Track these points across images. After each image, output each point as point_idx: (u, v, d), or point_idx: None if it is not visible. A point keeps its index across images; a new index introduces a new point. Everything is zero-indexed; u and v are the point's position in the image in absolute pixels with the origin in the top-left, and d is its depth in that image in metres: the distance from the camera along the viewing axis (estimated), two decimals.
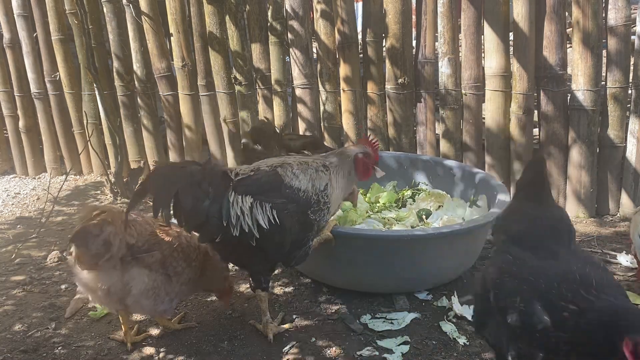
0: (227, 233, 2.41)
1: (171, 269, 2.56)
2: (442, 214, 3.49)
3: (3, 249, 3.79)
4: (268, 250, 2.52)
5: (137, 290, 2.48)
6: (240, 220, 2.41)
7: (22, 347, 2.70)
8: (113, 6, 4.65)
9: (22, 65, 5.12)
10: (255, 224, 2.42)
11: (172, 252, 2.56)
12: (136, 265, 2.47)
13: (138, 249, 2.47)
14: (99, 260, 2.39)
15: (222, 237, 2.43)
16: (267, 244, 2.48)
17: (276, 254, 2.58)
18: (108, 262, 2.41)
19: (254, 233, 2.43)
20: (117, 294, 2.48)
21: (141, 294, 2.49)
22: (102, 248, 2.38)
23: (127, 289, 2.46)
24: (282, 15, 4.37)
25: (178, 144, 4.87)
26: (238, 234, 2.42)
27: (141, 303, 2.53)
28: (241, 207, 2.42)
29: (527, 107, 3.96)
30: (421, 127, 4.35)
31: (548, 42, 3.85)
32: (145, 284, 2.49)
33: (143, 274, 2.49)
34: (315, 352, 2.60)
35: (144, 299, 2.52)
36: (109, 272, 2.44)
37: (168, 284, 2.56)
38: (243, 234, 2.42)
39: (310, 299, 3.03)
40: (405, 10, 4.12)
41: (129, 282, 2.46)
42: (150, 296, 2.52)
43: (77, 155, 5.20)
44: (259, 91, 4.58)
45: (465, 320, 2.81)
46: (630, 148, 3.89)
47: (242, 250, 2.53)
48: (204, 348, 2.66)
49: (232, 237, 2.42)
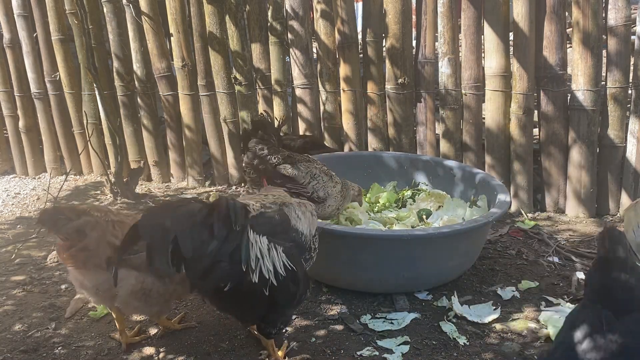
0: (240, 280, 2.06)
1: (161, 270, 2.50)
2: (442, 214, 3.49)
3: (3, 249, 3.79)
4: (279, 301, 2.22)
5: (124, 291, 2.41)
6: (260, 263, 2.09)
7: (22, 347, 2.70)
8: (113, 6, 4.65)
9: (22, 65, 5.12)
10: (271, 269, 2.13)
11: None
12: (123, 266, 2.40)
13: None
14: (72, 251, 2.32)
15: (233, 285, 2.07)
16: (281, 294, 2.19)
17: (287, 305, 2.31)
18: (90, 261, 2.35)
19: (271, 280, 2.12)
20: (106, 294, 2.44)
21: (129, 295, 2.43)
22: (75, 235, 2.30)
23: (114, 290, 2.40)
24: (282, 15, 4.37)
25: (178, 144, 4.87)
26: (257, 280, 2.08)
27: (132, 304, 2.48)
28: (260, 249, 2.11)
29: (527, 107, 3.96)
30: (421, 127, 4.35)
31: (548, 42, 3.85)
32: (133, 286, 2.42)
33: (131, 276, 2.41)
34: (315, 352, 2.60)
35: (134, 300, 2.46)
36: (96, 272, 2.39)
37: (161, 285, 2.49)
38: (261, 281, 2.10)
39: (310, 299, 3.03)
40: (405, 10, 4.12)
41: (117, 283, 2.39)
42: (140, 297, 2.46)
43: (77, 155, 5.20)
44: (259, 91, 4.59)
45: (465, 320, 2.82)
46: (630, 148, 3.89)
47: (246, 301, 2.20)
48: (204, 348, 2.66)
49: (244, 285, 2.09)
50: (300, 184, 3.14)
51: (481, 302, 2.99)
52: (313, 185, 3.17)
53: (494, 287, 3.13)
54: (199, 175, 4.87)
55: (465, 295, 3.06)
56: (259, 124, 3.40)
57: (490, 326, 2.78)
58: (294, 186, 3.13)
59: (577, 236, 3.73)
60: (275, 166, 3.18)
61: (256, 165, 3.19)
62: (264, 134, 3.28)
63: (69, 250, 2.35)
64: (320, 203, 3.21)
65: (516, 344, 2.64)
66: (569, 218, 4.02)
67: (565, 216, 4.05)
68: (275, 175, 3.14)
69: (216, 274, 2.03)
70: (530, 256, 3.48)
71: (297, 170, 3.16)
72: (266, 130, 3.28)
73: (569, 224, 3.93)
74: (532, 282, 3.16)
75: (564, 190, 4.06)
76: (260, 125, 3.36)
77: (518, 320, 2.83)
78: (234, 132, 4.68)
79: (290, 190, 3.07)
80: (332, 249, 2.95)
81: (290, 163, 3.18)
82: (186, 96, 4.70)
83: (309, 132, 4.50)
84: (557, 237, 3.71)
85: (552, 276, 3.25)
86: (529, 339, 2.68)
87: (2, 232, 4.12)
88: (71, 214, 2.35)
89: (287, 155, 3.23)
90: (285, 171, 3.12)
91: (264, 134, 3.28)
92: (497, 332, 2.74)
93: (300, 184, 3.14)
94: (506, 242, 3.67)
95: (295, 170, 3.16)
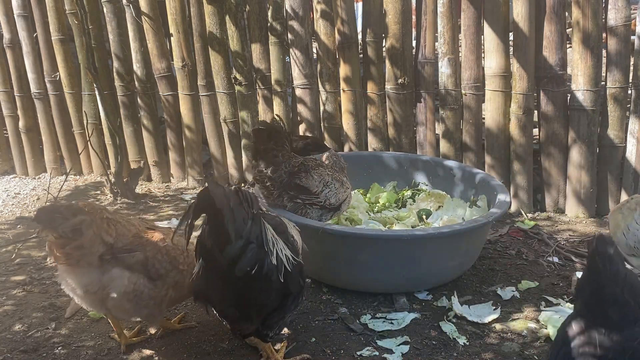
0: (262, 263, 2.17)
1: (154, 271, 2.46)
2: (442, 214, 3.49)
3: (3, 249, 3.79)
4: (291, 293, 2.33)
5: (116, 292, 2.40)
6: (276, 248, 2.21)
7: (22, 347, 2.70)
8: (113, 6, 4.65)
9: (22, 65, 5.12)
10: (282, 256, 2.23)
11: (155, 254, 2.46)
12: (116, 265, 2.39)
13: (118, 250, 2.40)
14: (67, 249, 2.30)
15: (257, 270, 2.15)
16: (292, 283, 2.30)
17: (295, 303, 2.41)
18: (84, 259, 2.34)
19: (286, 265, 2.23)
20: (97, 295, 2.41)
21: (122, 296, 2.41)
22: (71, 234, 2.29)
23: (106, 291, 2.39)
24: (282, 15, 4.37)
25: (178, 144, 4.87)
26: (275, 261, 2.19)
27: (123, 306, 2.45)
28: (273, 235, 2.25)
29: (527, 107, 3.96)
30: (421, 127, 4.35)
31: (548, 42, 3.85)
32: (126, 287, 2.40)
33: (123, 276, 2.40)
34: (315, 352, 2.60)
35: (126, 302, 2.44)
36: (87, 271, 2.37)
37: (152, 287, 2.47)
38: (278, 264, 2.21)
39: (310, 299, 3.03)
40: (405, 10, 4.12)
41: (109, 283, 2.39)
42: (132, 299, 2.44)
43: (77, 156, 5.20)
44: (259, 91, 4.59)
45: (465, 320, 2.82)
46: (630, 148, 3.89)
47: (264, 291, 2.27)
48: (204, 348, 2.66)
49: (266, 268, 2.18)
50: (313, 193, 3.09)
51: (481, 302, 3.00)
52: (326, 193, 3.12)
53: (494, 287, 3.13)
54: (199, 175, 4.86)
55: (465, 295, 3.06)
56: (273, 131, 3.14)
57: (490, 326, 2.78)
58: (308, 197, 3.09)
59: (577, 236, 3.73)
60: (291, 174, 3.08)
61: (275, 177, 3.07)
62: (279, 142, 3.11)
63: (63, 248, 2.32)
64: (332, 210, 3.17)
65: (516, 344, 2.64)
66: (568, 218, 4.02)
67: (565, 216, 4.05)
68: (289, 187, 3.07)
69: (247, 256, 2.12)
70: (530, 256, 3.48)
71: (310, 179, 3.10)
72: (280, 136, 3.11)
73: (569, 224, 3.94)
74: (532, 282, 3.17)
75: (564, 190, 4.06)
76: (275, 132, 3.14)
77: (518, 320, 2.83)
78: (234, 132, 4.68)
79: (304, 201, 3.08)
80: (332, 249, 2.95)
81: (304, 171, 3.10)
82: (186, 96, 4.70)
83: (309, 132, 4.50)
84: (557, 237, 3.71)
85: (552, 276, 3.25)
86: (528, 339, 2.68)
87: (2, 232, 4.13)
88: (67, 212, 2.34)
89: (301, 163, 3.13)
90: (300, 181, 3.08)
91: (279, 142, 3.11)
92: (497, 332, 2.74)
93: (313, 193, 3.09)
94: (506, 242, 3.67)
95: (309, 179, 3.10)
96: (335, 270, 3.05)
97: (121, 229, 2.46)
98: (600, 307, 1.80)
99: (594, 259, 1.80)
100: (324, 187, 3.13)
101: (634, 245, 2.80)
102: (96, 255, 2.37)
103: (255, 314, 2.35)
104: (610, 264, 1.78)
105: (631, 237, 2.81)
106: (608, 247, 1.80)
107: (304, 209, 3.11)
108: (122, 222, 2.50)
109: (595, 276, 1.81)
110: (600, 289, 1.79)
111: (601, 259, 1.78)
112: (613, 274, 1.78)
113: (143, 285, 2.45)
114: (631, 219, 2.82)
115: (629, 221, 2.83)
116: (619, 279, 1.78)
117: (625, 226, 2.84)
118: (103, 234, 2.38)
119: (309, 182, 3.10)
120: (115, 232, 2.42)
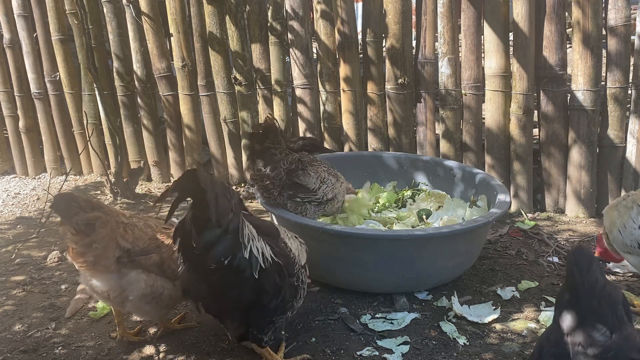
0: (235, 255, 2.17)
1: (170, 272, 2.49)
2: (442, 214, 3.49)
3: (3, 249, 3.79)
4: (267, 292, 2.30)
5: (134, 295, 2.43)
6: (251, 244, 2.21)
7: (22, 347, 2.70)
8: (113, 6, 4.65)
9: (22, 65, 5.12)
10: (259, 254, 2.24)
11: (171, 255, 2.49)
12: (133, 268, 2.42)
13: (135, 253, 2.42)
14: (80, 245, 2.32)
15: (229, 261, 2.16)
16: (267, 284, 2.28)
17: (275, 304, 2.36)
18: (100, 262, 2.36)
19: (260, 263, 2.22)
20: (118, 299, 2.46)
21: (140, 299, 2.44)
22: (84, 227, 2.30)
23: (125, 294, 2.43)
24: (282, 15, 4.37)
25: (178, 144, 4.87)
26: (248, 256, 2.19)
27: (143, 308, 2.49)
28: (251, 232, 2.25)
29: (527, 107, 3.96)
30: (421, 127, 4.35)
31: (548, 42, 3.85)
32: (143, 289, 2.43)
33: (140, 279, 2.43)
34: (315, 352, 2.60)
35: (145, 304, 2.47)
36: (106, 277, 2.41)
37: (172, 288, 2.51)
38: (251, 259, 2.20)
39: (310, 299, 3.03)
40: (405, 10, 4.12)
41: (127, 286, 2.42)
42: (150, 301, 2.47)
43: (77, 155, 5.20)
44: (259, 91, 4.59)
45: (465, 320, 2.82)
46: (630, 148, 3.89)
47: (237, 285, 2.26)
48: (204, 348, 2.66)
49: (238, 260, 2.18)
50: (311, 191, 3.15)
51: (481, 302, 3.00)
52: (323, 189, 3.20)
53: (494, 287, 3.13)
54: None
55: (465, 295, 3.06)
56: (268, 130, 3.19)
57: (490, 326, 2.78)
58: (306, 195, 3.15)
59: (577, 236, 3.73)
60: (288, 172, 3.10)
61: (274, 176, 3.08)
62: (275, 140, 3.14)
63: (76, 244, 2.34)
64: (327, 203, 3.27)
65: (516, 344, 2.64)
66: (568, 218, 4.02)
67: (565, 216, 4.05)
68: (287, 185, 3.10)
69: (223, 245, 2.12)
70: (530, 256, 3.48)
71: (307, 176, 3.14)
72: (276, 136, 3.15)
73: (569, 224, 3.93)
74: (532, 282, 3.17)
75: (564, 191, 4.06)
76: (270, 131, 3.18)
77: (518, 320, 2.83)
78: (234, 132, 4.68)
79: (303, 200, 3.14)
80: (332, 249, 2.95)
81: (301, 169, 3.14)
82: (186, 96, 4.70)
83: (309, 132, 4.50)
84: (557, 237, 3.71)
85: (552, 276, 3.26)
86: (528, 339, 2.68)
87: (2, 232, 4.13)
88: (85, 205, 2.34)
89: (297, 159, 3.15)
90: (298, 179, 3.11)
91: (275, 140, 3.14)
92: (497, 332, 2.74)
93: (311, 191, 3.15)
94: (506, 242, 3.67)
95: (307, 177, 3.14)
96: (335, 270, 3.05)
97: (138, 232, 2.48)
98: (578, 318, 1.78)
99: (572, 270, 1.79)
100: (321, 184, 3.20)
101: (630, 243, 2.80)
102: (112, 258, 2.38)
103: (233, 309, 2.34)
104: (588, 274, 1.76)
105: (628, 236, 2.80)
106: (586, 258, 1.79)
107: (302, 206, 3.16)
108: (140, 225, 2.52)
109: (572, 287, 1.80)
110: (577, 300, 1.78)
111: (579, 270, 1.77)
112: (591, 285, 1.76)
113: (162, 287, 2.48)
114: (627, 217, 2.82)
115: (626, 219, 2.82)
116: (597, 291, 1.76)
117: (622, 224, 2.83)
118: (119, 239, 2.39)
119: (307, 179, 3.15)
120: (132, 236, 2.44)
